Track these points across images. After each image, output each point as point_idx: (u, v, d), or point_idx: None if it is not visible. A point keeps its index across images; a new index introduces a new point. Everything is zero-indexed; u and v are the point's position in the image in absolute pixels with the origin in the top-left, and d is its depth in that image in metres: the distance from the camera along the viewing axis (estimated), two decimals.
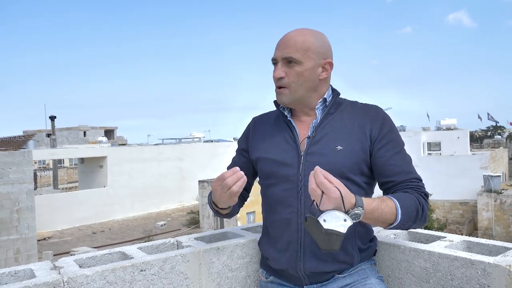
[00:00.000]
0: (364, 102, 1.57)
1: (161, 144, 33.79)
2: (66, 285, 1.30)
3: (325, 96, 1.52)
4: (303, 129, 1.52)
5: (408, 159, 1.48)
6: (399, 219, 1.32)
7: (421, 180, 1.44)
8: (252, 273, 1.70)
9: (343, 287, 1.46)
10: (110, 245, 19.04)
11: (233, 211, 1.62)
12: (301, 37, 1.46)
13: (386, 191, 1.47)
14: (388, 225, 1.35)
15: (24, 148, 14.61)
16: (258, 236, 1.73)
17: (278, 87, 1.50)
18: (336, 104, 1.52)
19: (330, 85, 1.56)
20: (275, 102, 1.58)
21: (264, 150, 1.55)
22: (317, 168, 1.21)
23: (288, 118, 1.54)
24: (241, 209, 1.71)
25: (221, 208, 1.52)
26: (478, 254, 1.39)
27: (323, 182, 1.18)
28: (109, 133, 49.65)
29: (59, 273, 1.34)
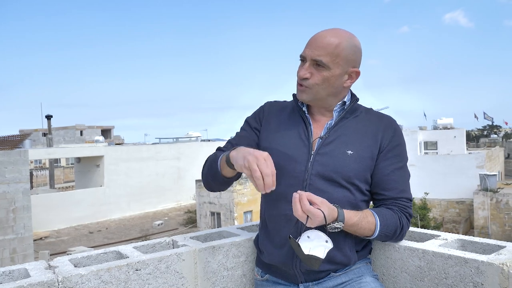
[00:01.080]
0: (378, 111, 1.61)
1: (158, 143, 33.73)
2: (60, 285, 1.30)
3: (344, 100, 1.53)
4: (317, 128, 1.53)
5: (407, 176, 1.52)
6: (375, 235, 1.44)
7: (411, 200, 1.51)
8: (248, 272, 1.70)
9: (338, 285, 1.46)
10: (107, 244, 19.00)
11: (233, 180, 1.53)
12: (335, 40, 1.42)
13: (374, 201, 1.54)
14: (364, 237, 1.46)
15: (20, 148, 14.55)
16: (253, 235, 1.73)
17: (301, 85, 1.49)
18: (353, 110, 1.53)
19: (350, 89, 1.56)
20: (294, 95, 1.57)
21: (276, 141, 1.53)
22: (302, 193, 1.29)
23: (306, 114, 1.54)
24: (238, 209, 1.68)
25: (234, 170, 1.40)
26: (472, 253, 1.40)
27: (309, 209, 1.27)
28: (106, 132, 49.51)
29: (54, 273, 1.34)
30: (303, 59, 1.47)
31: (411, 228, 1.73)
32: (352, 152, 1.44)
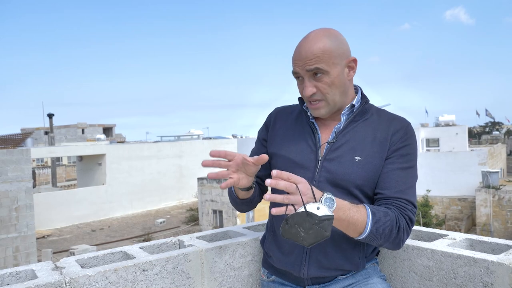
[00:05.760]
0: (391, 112, 1.50)
1: (159, 141, 33.76)
2: (68, 286, 1.30)
3: (353, 102, 1.46)
4: (326, 132, 1.47)
5: (412, 179, 1.40)
6: (367, 231, 1.26)
7: (412, 205, 1.36)
8: (254, 272, 1.70)
9: (345, 287, 1.45)
10: (109, 242, 19.06)
11: (254, 200, 1.57)
12: (318, 45, 1.36)
13: (373, 203, 1.41)
14: (358, 234, 1.28)
15: (22, 146, 14.58)
16: (259, 235, 1.73)
17: (311, 101, 1.43)
18: (363, 112, 1.47)
19: (360, 88, 1.51)
20: (299, 98, 1.53)
21: (282, 147, 1.51)
22: (274, 170, 1.16)
23: (311, 120, 1.49)
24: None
25: (244, 189, 1.45)
26: (481, 252, 1.39)
27: (290, 175, 1.14)
28: (107, 130, 49.57)
29: (61, 274, 1.33)
30: (297, 75, 1.42)
31: (419, 228, 1.72)
32: (360, 159, 1.37)
